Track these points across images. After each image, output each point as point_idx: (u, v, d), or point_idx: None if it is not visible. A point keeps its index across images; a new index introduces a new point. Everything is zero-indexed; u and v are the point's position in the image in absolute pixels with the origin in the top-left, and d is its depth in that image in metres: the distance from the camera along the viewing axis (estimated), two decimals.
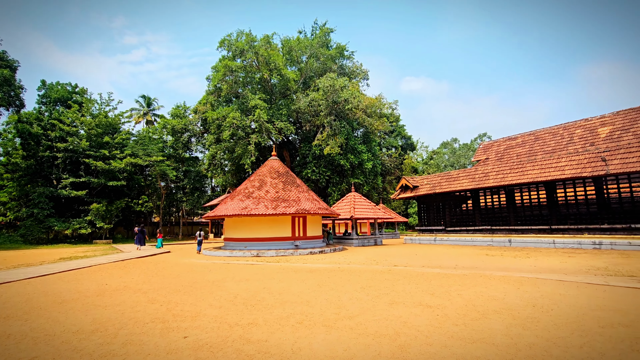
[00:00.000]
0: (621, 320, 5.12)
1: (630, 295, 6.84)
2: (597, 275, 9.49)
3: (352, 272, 11.07)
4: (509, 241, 22.16)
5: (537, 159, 22.20)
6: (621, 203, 19.74)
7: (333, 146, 31.99)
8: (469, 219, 27.17)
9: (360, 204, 26.64)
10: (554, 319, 5.26)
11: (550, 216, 21.86)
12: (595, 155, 19.19)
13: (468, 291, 7.56)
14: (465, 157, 61.29)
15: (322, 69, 37.66)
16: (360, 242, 25.91)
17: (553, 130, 27.87)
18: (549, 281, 8.63)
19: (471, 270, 10.96)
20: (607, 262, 12.35)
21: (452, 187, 25.29)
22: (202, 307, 6.62)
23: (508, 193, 23.88)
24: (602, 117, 25.65)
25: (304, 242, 20.43)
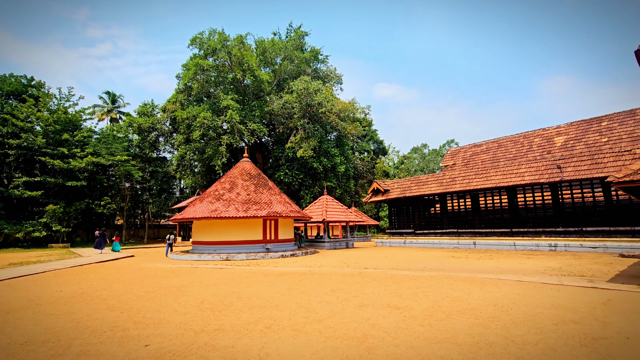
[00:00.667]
0: (572, 318, 5.46)
1: (580, 294, 7.32)
2: (552, 276, 10.09)
3: (322, 275, 11.08)
4: (474, 244, 23.10)
5: (500, 166, 23.36)
6: (574, 208, 21.17)
7: (306, 149, 31.99)
8: (437, 222, 28.07)
9: (333, 207, 26.80)
10: (513, 318, 5.52)
11: (511, 220, 23.03)
12: (551, 162, 20.49)
13: (434, 292, 7.78)
14: (434, 162, 63.40)
15: (296, 72, 37.66)
16: (332, 245, 26.02)
17: (514, 139, 29.47)
18: (509, 282, 9.07)
19: (438, 272, 11.30)
20: (561, 263, 13.17)
21: (421, 191, 26.04)
22: (166, 314, 6.35)
23: (473, 197, 24.93)
24: (557, 127, 27.46)
25: (276, 245, 20.22)
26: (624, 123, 23.82)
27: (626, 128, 23.37)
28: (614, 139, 23.13)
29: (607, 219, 19.11)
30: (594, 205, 20.13)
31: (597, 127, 24.96)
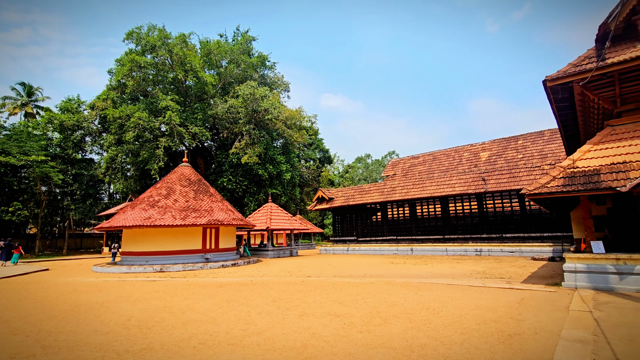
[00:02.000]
0: (492, 317, 5.99)
1: (500, 294, 8.09)
2: (477, 278, 11.03)
3: (264, 285, 10.81)
4: (411, 250, 24.44)
5: (435, 177, 25.19)
6: (496, 216, 23.56)
7: (251, 155, 31.34)
8: (378, 230, 29.22)
9: (277, 214, 26.49)
10: (443, 320, 5.89)
11: (444, 227, 24.87)
12: (478, 175, 22.64)
13: (373, 299, 8.01)
14: (376, 172, 66.28)
15: (242, 76, 36.91)
16: (275, 254, 25.63)
17: (447, 152, 32.06)
18: (441, 285, 9.71)
19: (378, 278, 11.69)
20: (485, 267, 14.49)
21: (364, 199, 26.95)
22: (83, 335, 5.64)
23: (411, 206, 26.48)
24: (483, 144, 30.50)
25: (216, 254, 19.31)
26: (536, 142, 27.30)
27: (537, 146, 26.79)
28: (528, 155, 26.36)
29: (522, 226, 21.56)
30: (512, 214, 22.60)
31: (514, 144, 28.24)
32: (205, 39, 37.44)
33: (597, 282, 8.48)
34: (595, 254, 8.66)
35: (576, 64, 9.50)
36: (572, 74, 9.20)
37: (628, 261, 8.15)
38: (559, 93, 10.30)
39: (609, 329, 5.06)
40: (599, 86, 9.59)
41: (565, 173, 9.11)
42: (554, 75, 9.49)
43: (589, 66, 8.97)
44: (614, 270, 8.30)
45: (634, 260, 8.09)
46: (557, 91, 10.13)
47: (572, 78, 9.22)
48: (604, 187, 8.13)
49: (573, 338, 4.65)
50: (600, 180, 8.38)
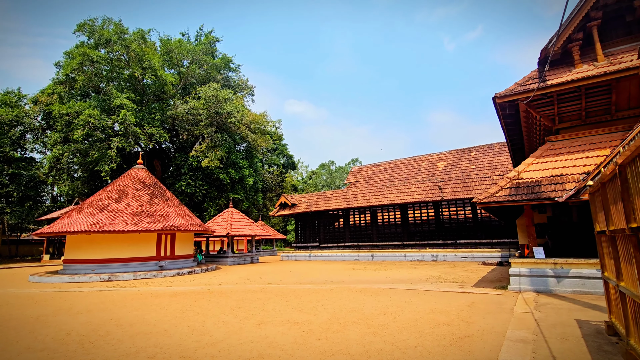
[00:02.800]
0: (445, 320, 6.24)
1: (452, 298, 8.46)
2: (432, 283, 11.47)
3: (222, 294, 10.44)
4: (372, 256, 24.92)
5: (395, 185, 26.01)
6: (450, 223, 24.77)
7: (213, 159, 30.39)
8: (340, 236, 29.51)
9: (238, 220, 25.86)
10: (399, 324, 6.03)
11: (402, 233, 25.69)
12: (434, 184, 23.72)
13: (333, 305, 8.02)
14: (340, 178, 67.16)
15: (205, 78, 35.88)
16: (235, 260, 24.94)
17: (407, 161, 33.30)
18: (399, 290, 9.96)
19: (338, 285, 11.76)
20: (440, 272, 15.12)
21: (327, 206, 27.13)
22: (13, 353, 5.07)
23: (372, 213, 27.08)
24: (440, 154, 32.07)
25: (171, 262, 18.38)
26: (487, 154, 29.21)
27: (488, 158, 28.67)
28: (480, 166, 28.11)
29: (474, 233, 22.85)
30: (465, 222, 23.87)
31: (468, 156, 30.01)
32: (166, 37, 36.01)
33: (538, 285, 9.16)
34: (537, 259, 9.37)
35: (521, 84, 10.33)
36: (517, 92, 9.98)
37: (564, 265, 8.90)
38: (507, 109, 11.12)
39: (547, 328, 5.47)
40: (540, 105, 10.49)
41: (511, 184, 9.81)
42: (502, 93, 10.24)
43: (532, 86, 9.79)
44: (552, 274, 9.02)
45: (569, 265, 8.85)
46: (505, 107, 10.93)
47: (518, 96, 10.00)
48: (544, 197, 8.86)
49: (516, 338, 4.96)
50: (541, 191, 9.11)
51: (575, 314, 6.39)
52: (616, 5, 9.88)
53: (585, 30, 10.17)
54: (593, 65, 9.79)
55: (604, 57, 9.83)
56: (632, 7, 9.73)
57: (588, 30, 10.12)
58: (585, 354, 4.24)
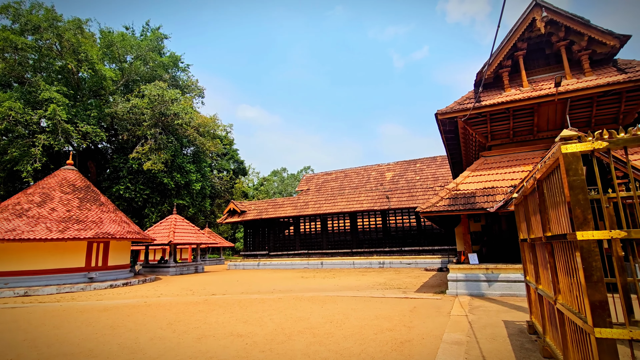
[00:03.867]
0: (388, 326, 6.42)
1: (396, 304, 8.76)
2: (378, 290, 11.80)
3: (160, 307, 9.71)
4: (321, 264, 25.05)
5: (345, 193, 26.57)
6: (397, 231, 25.86)
7: (156, 162, 28.53)
8: (290, 244, 29.28)
9: (183, 227, 24.49)
10: (344, 332, 6.07)
11: (352, 241, 26.23)
12: (383, 193, 24.65)
13: (279, 315, 7.86)
14: (292, 186, 66.99)
15: (150, 76, 33.80)
16: (178, 270, 23.49)
17: (357, 171, 34.26)
18: (346, 298, 10.08)
19: (286, 294, 11.59)
20: (386, 278, 15.63)
21: (277, 213, 26.81)
22: None
23: (323, 221, 27.32)
24: (388, 165, 33.49)
25: (103, 273, 16.76)
26: (430, 166, 31.15)
27: (431, 170, 30.58)
28: (424, 177, 29.86)
29: (418, 240, 24.07)
30: (410, 230, 25.07)
31: (413, 167, 31.73)
32: (108, 29, 33.38)
33: (472, 289, 9.86)
34: (472, 264, 10.10)
35: (460, 103, 11.20)
36: (456, 110, 10.80)
37: (494, 270, 9.70)
38: (447, 125, 11.97)
39: (479, 329, 5.88)
40: (476, 123, 11.45)
41: (450, 194, 10.52)
42: (443, 110, 11.01)
43: (469, 105, 10.66)
44: (484, 279, 9.78)
45: (498, 270, 9.67)
46: (446, 124, 11.75)
47: (457, 114, 10.82)
48: (478, 208, 9.62)
49: (452, 340, 5.25)
50: (475, 202, 9.89)
51: (503, 315, 6.96)
52: (538, 39, 11.21)
53: (513, 59, 11.37)
54: (519, 90, 10.97)
55: (528, 84, 11.06)
56: (550, 42, 11.11)
57: (515, 58, 11.33)
58: (509, 352, 4.61)
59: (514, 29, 10.93)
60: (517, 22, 10.86)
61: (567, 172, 2.33)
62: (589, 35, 10.21)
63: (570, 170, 2.32)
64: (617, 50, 10.34)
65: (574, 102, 10.33)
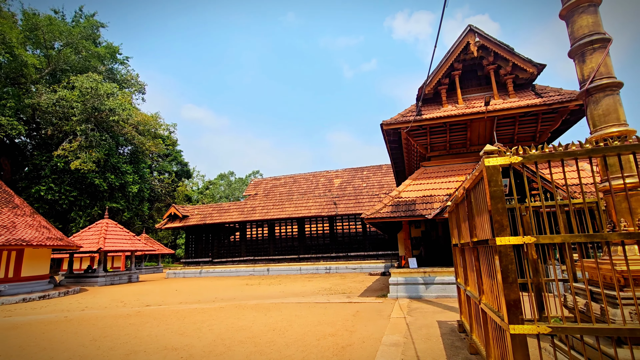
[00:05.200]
0: (331, 331, 6.48)
1: (340, 309, 8.89)
2: (323, 295, 11.89)
3: (84, 321, 8.75)
4: (268, 270, 24.61)
5: (294, 199, 26.52)
6: (343, 237, 26.40)
7: (86, 160, 25.91)
8: (236, 250, 28.36)
9: (115, 233, 22.48)
10: (287, 340, 5.99)
11: (299, 247, 26.19)
12: (330, 199, 25.05)
13: (220, 325, 7.53)
14: (239, 190, 65.15)
15: (83, 66, 30.78)
16: (108, 280, 21.44)
17: (306, 176, 34.45)
18: (290, 304, 9.98)
19: (229, 302, 11.16)
20: (331, 283, 15.82)
21: (222, 218, 25.84)
22: None
23: (270, 226, 26.92)
24: (336, 171, 34.18)
25: (15, 285, 14.68)
26: (376, 174, 32.43)
27: (377, 177, 31.84)
28: (370, 185, 30.97)
29: (363, 245, 24.80)
30: (356, 235, 25.75)
31: (360, 174, 32.77)
32: (32, 11, 29.81)
33: (411, 292, 10.38)
34: (411, 268, 10.64)
35: (403, 115, 11.85)
36: (400, 122, 11.40)
37: (431, 273, 10.32)
38: (392, 136, 12.57)
39: (415, 330, 6.18)
40: (417, 134, 12.19)
41: (393, 202, 11.02)
42: (388, 121, 11.55)
43: (411, 118, 11.32)
44: (422, 282, 10.35)
45: (435, 273, 10.31)
46: (390, 134, 12.33)
47: (400, 125, 11.42)
48: (418, 215, 10.20)
49: (390, 342, 5.45)
50: (415, 209, 10.47)
51: (437, 316, 7.41)
52: (472, 61, 12.32)
53: (450, 77, 12.35)
54: (455, 106, 11.92)
55: (462, 101, 12.07)
56: (482, 65, 12.28)
57: (452, 77, 12.32)
58: (441, 351, 4.91)
59: (451, 50, 11.89)
60: (454, 44, 11.84)
61: (489, 183, 2.57)
62: (513, 61, 11.48)
63: (492, 182, 2.55)
64: (535, 76, 11.75)
65: (500, 120, 11.49)
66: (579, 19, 4.00)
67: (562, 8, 4.17)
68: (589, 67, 3.89)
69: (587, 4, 3.97)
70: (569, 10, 4.09)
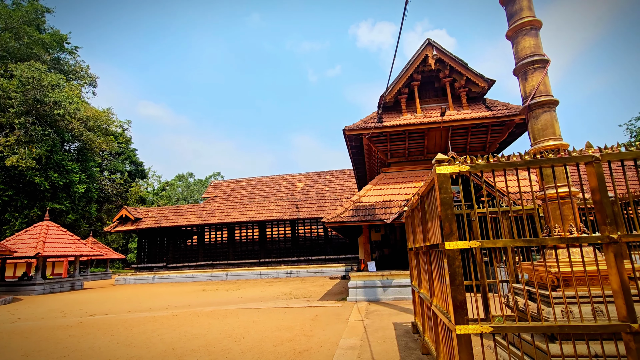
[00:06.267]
0: (288, 336, 6.41)
1: (299, 313, 8.84)
2: (283, 300, 11.76)
3: (14, 335, 7.91)
4: (226, 275, 23.90)
5: (255, 202, 26.08)
6: (305, 241, 26.37)
7: (25, 157, 23.62)
8: (193, 255, 27.24)
9: (57, 236, 20.65)
10: (243, 347, 5.84)
11: (260, 251, 25.74)
12: (292, 203, 24.94)
13: (172, 334, 7.16)
14: (199, 192, 62.81)
15: (25, 53, 28.11)
16: (47, 288, 19.61)
17: (269, 179, 34.05)
18: (248, 310, 9.75)
19: (183, 309, 10.66)
20: (292, 288, 15.70)
21: (179, 221, 24.75)
22: None
23: (230, 230, 26.20)
24: (299, 175, 34.15)
25: None
26: (339, 178, 32.84)
27: (339, 182, 32.24)
28: (332, 189, 31.28)
29: (324, 249, 24.94)
30: (318, 239, 25.84)
31: (323, 179, 33.01)
32: None
33: (370, 295, 10.59)
34: (370, 272, 10.86)
35: (365, 121, 12.14)
36: (361, 128, 11.66)
37: (389, 276, 10.61)
38: (353, 141, 12.81)
39: (372, 333, 6.30)
40: (378, 141, 12.54)
41: (354, 206, 11.22)
42: (350, 127, 11.76)
43: (372, 125, 11.63)
44: (380, 285, 10.60)
45: (392, 276, 10.60)
46: (352, 139, 12.57)
47: (362, 131, 11.69)
48: (377, 219, 10.46)
49: (347, 346, 5.50)
50: (375, 214, 10.73)
51: (393, 318, 7.62)
52: (430, 73, 12.94)
53: (410, 87, 12.88)
54: (414, 115, 12.44)
55: (421, 111, 12.62)
56: (439, 77, 12.94)
57: (412, 87, 12.85)
58: (395, 352, 5.04)
59: (411, 61, 12.42)
60: (414, 56, 12.38)
61: (440, 190, 2.69)
62: (466, 75, 12.23)
63: (442, 189, 2.68)
64: (486, 91, 12.60)
65: (454, 130, 12.17)
66: (522, 40, 4.36)
67: (508, 29, 4.52)
68: (530, 85, 4.24)
69: (529, 27, 4.34)
70: (514, 32, 4.44)
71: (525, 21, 4.31)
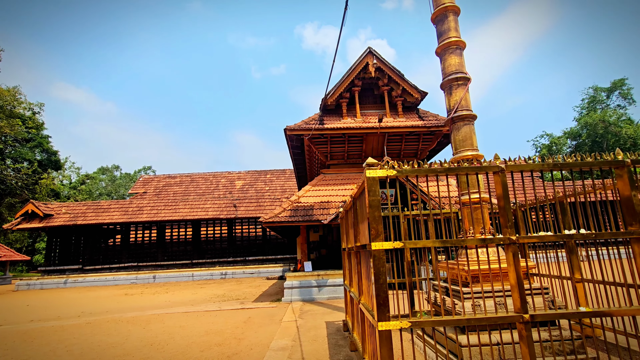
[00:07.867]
0: (218, 341, 6.15)
1: (231, 316, 8.55)
2: (215, 302, 11.27)
3: None
4: (154, 277, 22.22)
5: (190, 199, 24.67)
6: (242, 241, 25.64)
7: None
8: (116, 256, 24.78)
9: None
10: (166, 355, 5.45)
11: (192, 251, 24.37)
12: (230, 201, 24.11)
13: (83, 344, 6.41)
14: (126, 187, 57.46)
15: None
16: None
17: (206, 176, 32.50)
18: (176, 315, 9.16)
19: (99, 316, 9.63)
20: (226, 290, 15.15)
21: (100, 219, 22.33)
22: None
23: (160, 229, 24.39)
24: (239, 173, 33.18)
25: None
26: (280, 178, 32.59)
27: (280, 182, 32.02)
28: (273, 189, 30.93)
29: (262, 249, 24.53)
30: (256, 239, 25.32)
31: (264, 177, 32.49)
32: None
33: (305, 295, 10.66)
34: (306, 272, 10.95)
35: (307, 122, 12.23)
36: (303, 129, 11.73)
37: (324, 276, 10.80)
38: (295, 141, 12.82)
39: (304, 332, 6.34)
40: (319, 142, 12.71)
41: (292, 206, 11.22)
42: (292, 127, 11.76)
43: (314, 126, 11.76)
44: (315, 284, 10.74)
45: (327, 276, 10.81)
46: (293, 140, 12.57)
47: (303, 132, 11.75)
48: (315, 220, 10.59)
49: (278, 347, 5.45)
50: (313, 214, 10.85)
51: (326, 317, 7.76)
52: (370, 80, 13.51)
53: (351, 92, 13.29)
54: (354, 119, 12.86)
55: (360, 116, 13.11)
56: (378, 85, 13.57)
57: (353, 92, 13.28)
58: (325, 351, 5.13)
59: (352, 67, 12.83)
60: (356, 62, 12.81)
61: (369, 192, 2.80)
62: (403, 86, 13.01)
63: (371, 192, 2.80)
64: (419, 101, 13.54)
65: (390, 137, 12.86)
66: (449, 58, 4.75)
67: (437, 47, 4.90)
68: (454, 99, 4.64)
69: (455, 46, 4.75)
70: (442, 50, 4.82)
71: (452, 41, 4.71)
